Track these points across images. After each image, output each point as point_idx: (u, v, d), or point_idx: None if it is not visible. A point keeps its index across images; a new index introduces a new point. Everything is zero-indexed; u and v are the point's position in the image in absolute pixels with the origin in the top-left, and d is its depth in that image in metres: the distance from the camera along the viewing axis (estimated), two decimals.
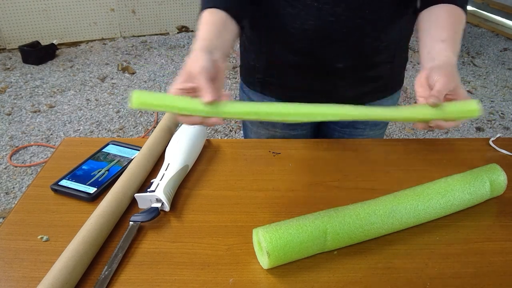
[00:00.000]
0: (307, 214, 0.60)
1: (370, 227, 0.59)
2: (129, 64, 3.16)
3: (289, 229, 0.56)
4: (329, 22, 0.78)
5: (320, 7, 0.77)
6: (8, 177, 2.01)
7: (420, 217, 0.62)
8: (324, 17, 0.78)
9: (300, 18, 0.79)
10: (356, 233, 0.59)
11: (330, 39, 0.80)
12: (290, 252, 0.56)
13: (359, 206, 0.61)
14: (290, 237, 0.55)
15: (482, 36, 3.84)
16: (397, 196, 0.63)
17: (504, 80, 3.10)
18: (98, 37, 3.52)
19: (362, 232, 0.59)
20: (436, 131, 2.49)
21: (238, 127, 2.47)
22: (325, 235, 0.57)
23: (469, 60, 3.40)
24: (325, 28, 0.79)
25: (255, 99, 0.96)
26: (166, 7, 3.64)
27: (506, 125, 2.57)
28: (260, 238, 0.56)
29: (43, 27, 3.31)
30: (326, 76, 0.87)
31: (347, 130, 0.99)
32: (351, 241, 0.60)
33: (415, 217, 0.62)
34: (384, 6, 0.78)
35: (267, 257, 0.55)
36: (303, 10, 0.78)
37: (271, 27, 0.84)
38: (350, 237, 0.59)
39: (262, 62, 0.90)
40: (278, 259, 0.55)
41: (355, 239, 0.60)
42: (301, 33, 0.80)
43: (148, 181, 0.73)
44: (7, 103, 2.62)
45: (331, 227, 0.58)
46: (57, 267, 0.53)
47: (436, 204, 0.63)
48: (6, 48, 3.28)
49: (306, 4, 0.77)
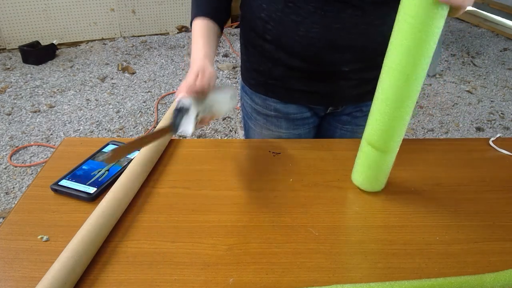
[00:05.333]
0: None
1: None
2: (129, 64, 3.16)
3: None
4: (334, 29, 0.78)
5: (325, 14, 0.76)
6: (8, 177, 2.02)
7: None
8: (329, 24, 0.77)
9: (305, 25, 0.78)
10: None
11: (335, 46, 0.80)
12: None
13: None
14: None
15: (482, 36, 3.84)
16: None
17: (504, 80, 3.10)
18: (98, 37, 3.52)
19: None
20: (436, 131, 2.49)
21: (238, 127, 2.47)
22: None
23: (469, 60, 3.40)
24: (330, 35, 0.78)
25: (257, 100, 0.96)
26: (166, 7, 3.64)
27: (506, 125, 2.57)
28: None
29: (43, 27, 3.31)
30: (330, 78, 0.87)
31: (349, 127, 0.99)
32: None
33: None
34: (389, 11, 0.77)
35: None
36: (307, 17, 0.77)
37: (274, 33, 0.83)
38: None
39: (266, 65, 0.89)
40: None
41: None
42: (306, 40, 0.80)
43: (148, 181, 0.73)
44: (7, 103, 2.62)
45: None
46: (56, 267, 0.53)
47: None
48: (6, 48, 3.27)
49: (310, 12, 0.77)
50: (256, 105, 0.97)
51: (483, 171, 0.78)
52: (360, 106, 0.95)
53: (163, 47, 3.47)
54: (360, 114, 0.96)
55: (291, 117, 0.95)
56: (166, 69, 3.11)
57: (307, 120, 0.97)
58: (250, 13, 0.87)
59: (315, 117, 0.98)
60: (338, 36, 0.78)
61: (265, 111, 0.96)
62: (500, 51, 3.56)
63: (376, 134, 0.66)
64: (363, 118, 0.97)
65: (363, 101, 0.94)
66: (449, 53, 3.52)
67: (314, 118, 0.98)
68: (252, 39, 0.89)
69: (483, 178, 0.76)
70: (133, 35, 3.62)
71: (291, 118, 0.96)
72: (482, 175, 0.77)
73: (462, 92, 2.94)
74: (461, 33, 3.90)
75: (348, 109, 0.96)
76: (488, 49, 3.59)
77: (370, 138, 0.68)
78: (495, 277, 0.56)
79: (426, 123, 2.57)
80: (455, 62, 3.38)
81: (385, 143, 0.66)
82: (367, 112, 0.96)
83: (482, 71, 3.23)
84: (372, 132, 0.67)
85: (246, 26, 0.90)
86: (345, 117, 0.98)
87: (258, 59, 0.91)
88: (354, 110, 0.96)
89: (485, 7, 4.05)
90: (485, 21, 4.02)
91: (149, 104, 2.67)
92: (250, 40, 0.90)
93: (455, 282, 0.55)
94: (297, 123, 0.97)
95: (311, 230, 0.64)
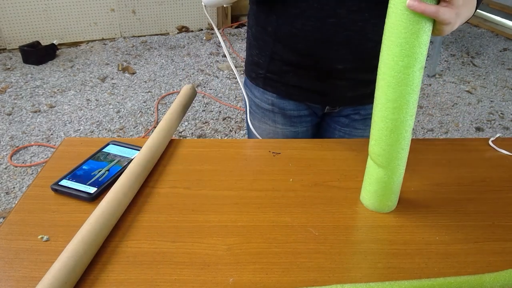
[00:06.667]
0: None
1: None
2: (129, 64, 3.16)
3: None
4: (330, 24, 0.78)
5: (321, 8, 0.77)
6: (8, 177, 2.02)
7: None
8: (324, 19, 0.78)
9: (302, 18, 0.79)
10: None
11: (330, 41, 0.80)
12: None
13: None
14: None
15: (482, 36, 3.84)
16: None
17: (503, 80, 3.10)
18: (98, 37, 3.52)
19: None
20: (436, 131, 2.49)
21: (238, 127, 2.47)
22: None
23: (469, 60, 3.40)
24: (325, 29, 0.79)
25: (256, 94, 0.98)
26: (166, 7, 3.64)
27: (506, 125, 2.57)
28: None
29: (43, 27, 3.31)
30: (325, 76, 0.87)
31: (347, 130, 0.99)
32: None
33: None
34: (386, 10, 0.77)
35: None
36: (305, 10, 0.78)
37: (275, 25, 0.85)
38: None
39: (265, 58, 0.91)
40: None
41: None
42: (302, 34, 0.81)
43: (148, 181, 0.73)
44: (7, 103, 2.62)
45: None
46: (56, 267, 0.53)
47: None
48: (7, 48, 3.28)
49: (307, 5, 0.77)
50: (255, 98, 0.99)
51: (483, 171, 0.78)
52: (358, 109, 0.95)
53: (163, 47, 3.47)
54: (358, 117, 0.97)
55: (288, 113, 0.96)
56: (166, 69, 3.11)
57: (305, 118, 0.98)
58: (257, 5, 0.88)
59: (313, 116, 0.98)
60: (333, 32, 0.79)
61: (262, 105, 0.98)
62: (499, 51, 3.56)
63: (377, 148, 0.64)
64: (362, 121, 0.97)
65: (361, 103, 0.95)
66: (448, 53, 3.52)
67: (312, 117, 0.98)
68: (255, 31, 0.91)
69: (483, 178, 0.76)
70: (133, 35, 3.62)
71: (288, 114, 0.96)
72: (482, 175, 0.77)
73: (462, 92, 2.94)
74: (460, 33, 3.90)
75: (345, 110, 0.96)
76: (487, 49, 3.59)
77: (373, 155, 0.65)
78: (495, 277, 0.56)
79: (426, 123, 2.57)
80: (455, 62, 3.38)
81: (386, 161, 0.64)
82: (365, 116, 0.97)
83: (481, 71, 3.23)
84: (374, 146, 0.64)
85: (252, 18, 0.92)
86: (343, 119, 0.98)
87: (258, 52, 0.92)
88: (352, 113, 0.96)
89: (485, 7, 4.05)
90: (485, 21, 4.02)
91: (149, 104, 2.67)
92: (254, 32, 0.92)
93: (454, 282, 0.55)
94: (294, 120, 0.97)
95: (311, 230, 0.64)
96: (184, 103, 0.89)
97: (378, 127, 0.62)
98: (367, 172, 0.68)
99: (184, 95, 0.90)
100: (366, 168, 0.68)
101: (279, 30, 0.84)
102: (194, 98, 0.98)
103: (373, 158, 0.65)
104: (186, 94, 0.91)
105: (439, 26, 0.57)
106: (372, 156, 0.65)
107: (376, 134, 0.63)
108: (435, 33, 0.59)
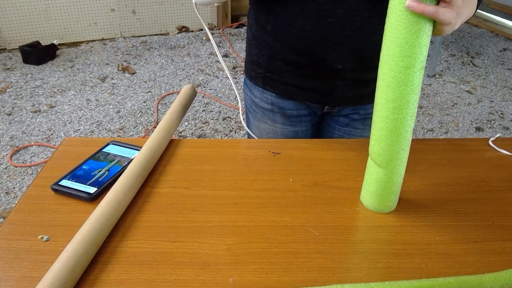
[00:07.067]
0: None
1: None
2: (129, 64, 3.16)
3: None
4: (329, 24, 0.78)
5: (320, 8, 0.77)
6: (8, 177, 2.02)
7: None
8: (323, 18, 0.78)
9: (301, 18, 0.79)
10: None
11: (329, 41, 0.80)
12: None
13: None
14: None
15: (482, 36, 3.84)
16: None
17: (503, 80, 3.10)
18: (98, 37, 3.52)
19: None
20: (436, 131, 2.49)
21: (238, 127, 2.47)
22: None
23: (469, 60, 3.40)
24: (324, 29, 0.79)
25: (256, 93, 0.98)
26: (166, 7, 3.64)
27: (506, 125, 2.57)
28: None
29: (43, 27, 3.31)
30: (324, 76, 0.87)
31: (347, 129, 0.99)
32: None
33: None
34: (385, 10, 0.78)
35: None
36: (304, 10, 0.78)
37: (274, 25, 0.85)
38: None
39: (264, 58, 0.91)
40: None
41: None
42: (301, 33, 0.81)
43: (148, 181, 0.73)
44: (7, 103, 2.62)
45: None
46: (57, 266, 0.53)
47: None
48: (7, 48, 3.28)
49: (307, 4, 0.77)
50: (255, 98, 0.99)
51: (483, 171, 0.78)
52: (357, 108, 0.95)
53: (163, 47, 3.47)
54: (358, 117, 0.97)
55: (287, 113, 0.96)
56: (166, 69, 3.11)
57: (304, 117, 0.98)
58: (257, 5, 0.88)
59: (312, 116, 0.99)
60: (332, 31, 0.79)
61: (262, 104, 0.98)
62: (499, 51, 3.56)
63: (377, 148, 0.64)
64: (361, 121, 0.97)
65: (360, 103, 0.95)
66: (448, 53, 3.52)
67: (311, 117, 0.99)
68: (255, 31, 0.91)
69: (482, 178, 0.76)
70: (133, 35, 3.62)
71: (287, 114, 0.96)
72: (481, 175, 0.77)
73: (462, 92, 2.94)
74: (460, 33, 3.90)
75: (345, 110, 0.96)
76: (487, 49, 3.59)
77: (373, 156, 0.65)
78: (495, 277, 0.56)
79: (426, 123, 2.57)
80: (455, 62, 3.38)
81: (386, 161, 0.63)
82: (365, 115, 0.97)
83: (481, 71, 3.23)
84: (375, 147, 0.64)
85: (252, 17, 0.92)
86: (342, 119, 0.98)
87: (258, 51, 0.92)
88: (352, 112, 0.96)
89: (485, 7, 4.05)
90: (485, 21, 4.02)
91: (150, 104, 2.67)
92: (253, 32, 0.92)
93: (454, 282, 0.55)
94: (293, 119, 0.97)
95: (311, 230, 0.64)
96: (184, 103, 0.89)
97: (378, 127, 0.62)
98: (367, 172, 0.68)
99: (184, 95, 0.90)
100: (366, 168, 0.68)
101: (279, 30, 0.84)
102: (194, 98, 0.98)
103: (373, 158, 0.65)
104: (186, 94, 0.91)
105: (439, 27, 0.57)
106: (372, 156, 0.65)
107: (376, 134, 0.63)
108: (436, 33, 0.59)
